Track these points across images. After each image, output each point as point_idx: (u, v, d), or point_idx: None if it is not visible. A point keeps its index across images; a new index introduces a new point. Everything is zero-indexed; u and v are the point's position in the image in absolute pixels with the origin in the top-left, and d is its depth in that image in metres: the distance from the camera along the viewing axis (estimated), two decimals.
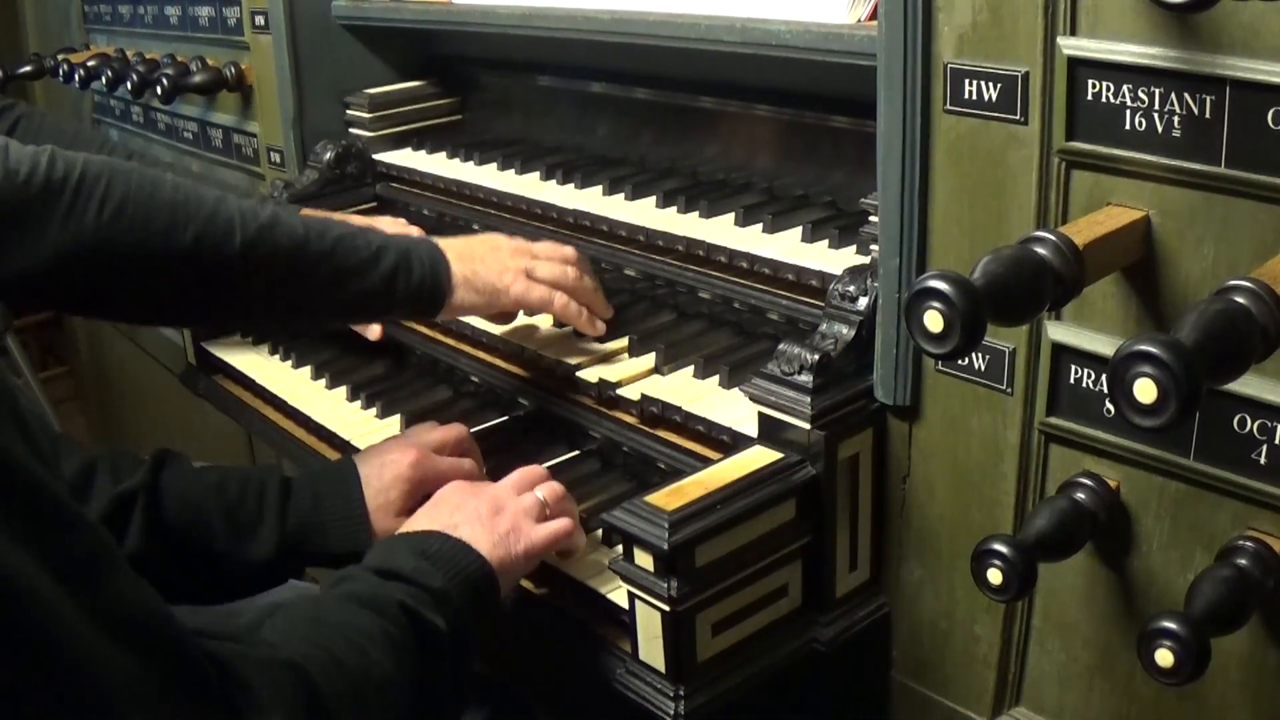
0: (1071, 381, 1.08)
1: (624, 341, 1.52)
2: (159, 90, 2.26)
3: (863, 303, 1.23)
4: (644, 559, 1.12)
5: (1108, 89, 0.98)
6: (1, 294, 1.21)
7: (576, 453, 1.50)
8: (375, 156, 2.07)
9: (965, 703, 1.26)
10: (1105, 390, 1.04)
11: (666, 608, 1.12)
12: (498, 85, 2.09)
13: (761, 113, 1.65)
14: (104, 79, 2.46)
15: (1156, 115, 0.96)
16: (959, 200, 1.12)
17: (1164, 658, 0.90)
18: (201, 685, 0.78)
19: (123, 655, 0.72)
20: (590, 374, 1.47)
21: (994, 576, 1.00)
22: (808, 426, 1.19)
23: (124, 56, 2.63)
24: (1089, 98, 1.00)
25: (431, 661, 1.04)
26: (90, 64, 2.56)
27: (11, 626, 0.66)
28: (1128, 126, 0.98)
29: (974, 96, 1.07)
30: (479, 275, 1.39)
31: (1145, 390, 0.75)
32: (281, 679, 0.86)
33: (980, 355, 1.14)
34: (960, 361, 1.15)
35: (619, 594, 1.21)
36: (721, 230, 1.52)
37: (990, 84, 1.06)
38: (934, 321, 0.83)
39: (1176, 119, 0.95)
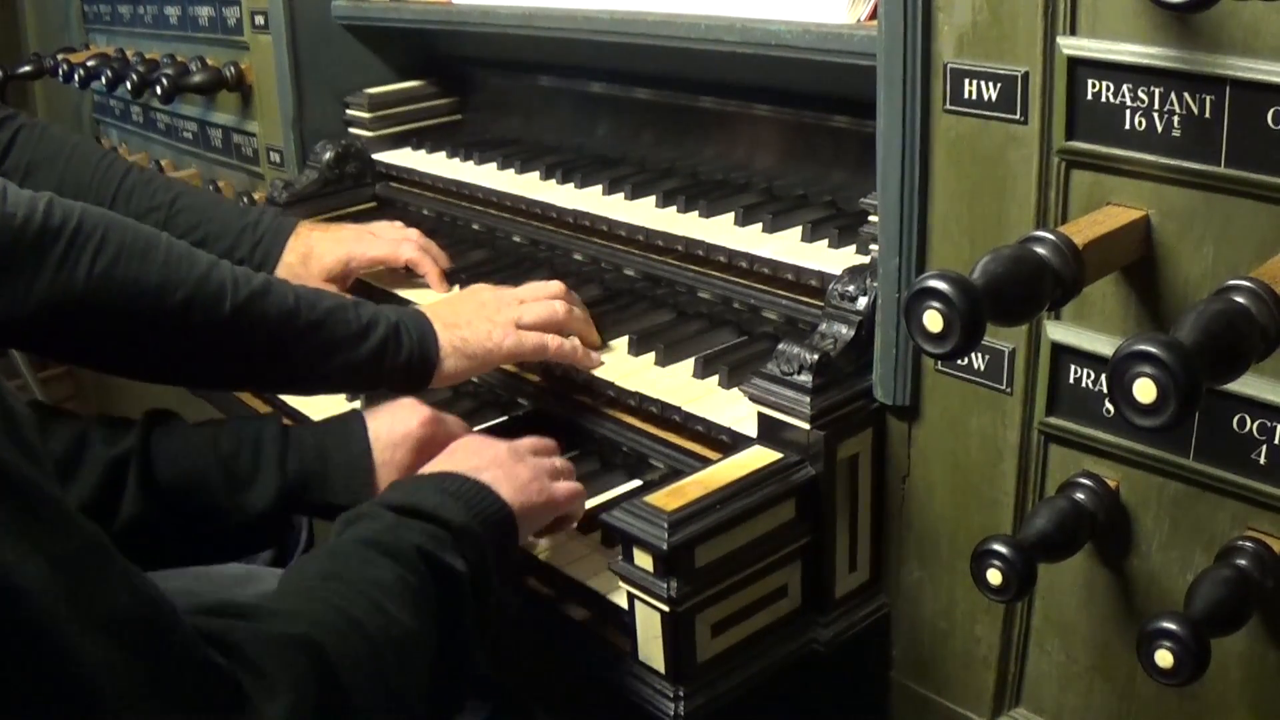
0: (1071, 381, 1.08)
1: (624, 341, 1.52)
2: (159, 90, 2.26)
3: (862, 302, 1.23)
4: (643, 559, 1.12)
5: (1107, 89, 0.98)
6: None
7: (576, 453, 1.50)
8: (375, 156, 2.07)
9: (965, 703, 1.26)
10: (1105, 390, 1.04)
11: (666, 608, 1.11)
12: (498, 85, 2.09)
13: (761, 113, 1.65)
14: (104, 79, 2.45)
15: (1156, 115, 0.96)
16: (959, 200, 1.12)
17: (1164, 658, 0.90)
18: (205, 676, 0.77)
19: (121, 653, 0.71)
20: (590, 374, 1.47)
21: (993, 577, 1.00)
22: (807, 426, 1.19)
23: (124, 56, 2.63)
24: (1089, 97, 1.00)
25: (452, 606, 1.03)
26: (90, 64, 2.55)
27: (8, 625, 0.65)
28: (1127, 126, 0.98)
29: (974, 96, 1.07)
30: (468, 342, 1.39)
31: (1145, 390, 0.75)
32: (293, 658, 0.84)
33: (980, 355, 1.14)
34: (960, 361, 1.15)
35: (619, 594, 1.21)
36: (721, 230, 1.52)
37: (990, 84, 1.06)
38: (933, 321, 0.83)
39: (1176, 119, 0.95)
